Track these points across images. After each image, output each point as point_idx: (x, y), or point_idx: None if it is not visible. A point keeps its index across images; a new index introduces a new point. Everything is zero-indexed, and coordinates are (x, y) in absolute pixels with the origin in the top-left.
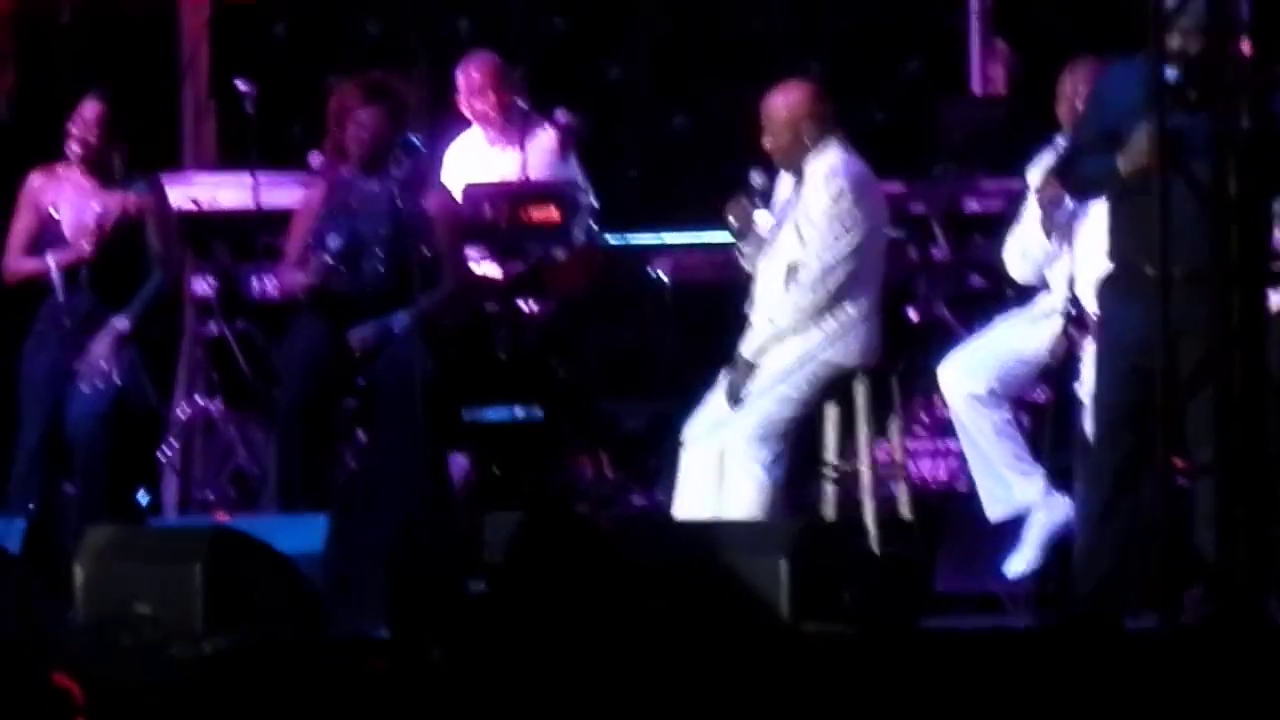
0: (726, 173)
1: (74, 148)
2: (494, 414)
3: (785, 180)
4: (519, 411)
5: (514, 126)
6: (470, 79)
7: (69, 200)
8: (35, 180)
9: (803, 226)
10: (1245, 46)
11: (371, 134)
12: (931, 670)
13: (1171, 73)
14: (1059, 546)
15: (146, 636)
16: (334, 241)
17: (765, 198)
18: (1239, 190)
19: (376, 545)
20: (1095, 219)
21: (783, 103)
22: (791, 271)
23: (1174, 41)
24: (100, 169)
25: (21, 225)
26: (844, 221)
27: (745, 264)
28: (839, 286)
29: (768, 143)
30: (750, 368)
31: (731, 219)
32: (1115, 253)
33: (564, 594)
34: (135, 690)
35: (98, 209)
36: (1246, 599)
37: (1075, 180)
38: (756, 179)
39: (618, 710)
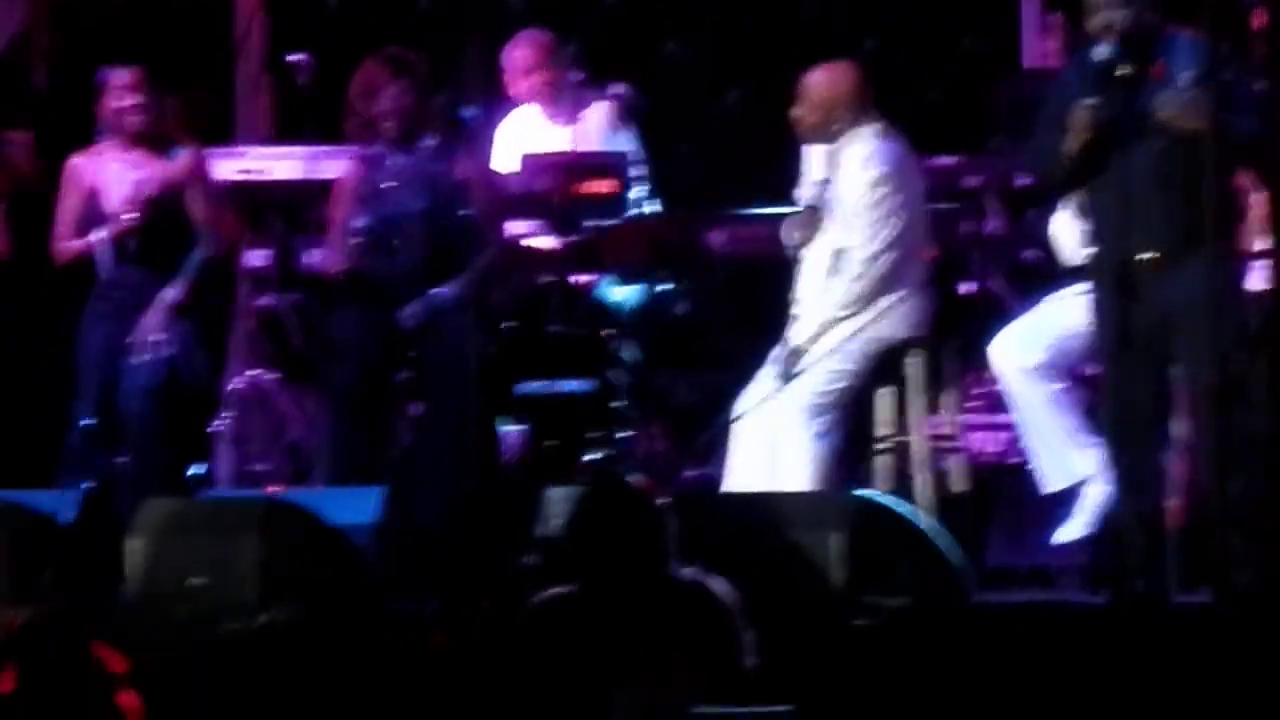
0: (782, 148)
1: (128, 117)
2: (547, 387)
3: (815, 155)
4: (572, 384)
5: (566, 102)
6: (516, 60)
7: (111, 177)
8: (76, 161)
9: (846, 215)
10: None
11: (405, 107)
12: (983, 644)
13: (1103, 50)
14: (1111, 519)
15: (200, 609)
16: (359, 223)
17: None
18: None
19: (429, 518)
20: None
21: (823, 81)
22: (836, 257)
23: (1102, 19)
24: (146, 136)
25: (67, 206)
26: (884, 208)
27: (791, 256)
28: (885, 272)
29: (797, 113)
30: (800, 353)
31: (798, 235)
32: (1094, 239)
33: (620, 566)
34: (189, 663)
35: (138, 178)
36: None
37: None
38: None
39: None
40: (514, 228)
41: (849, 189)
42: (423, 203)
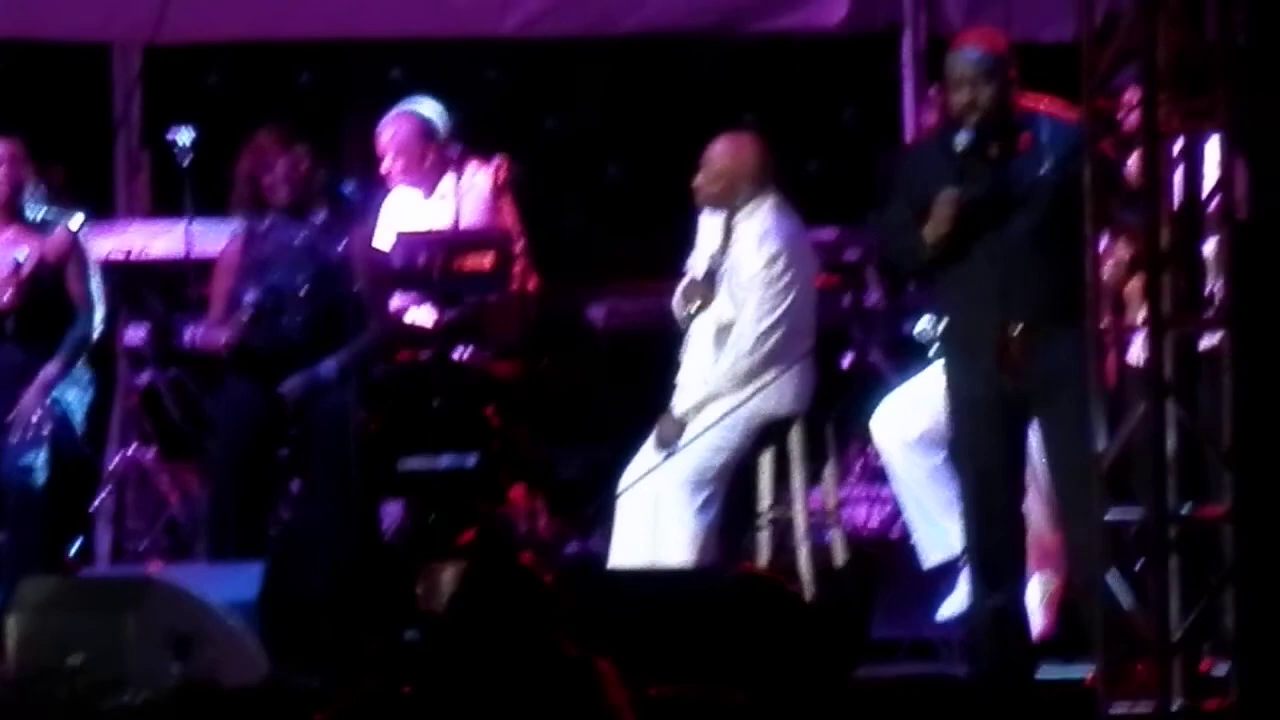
0: (662, 222)
1: None
2: (429, 463)
3: (710, 224)
4: (454, 460)
5: (438, 179)
6: (383, 142)
7: None
8: None
9: (736, 289)
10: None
11: (301, 177)
12: (866, 717)
13: (964, 139)
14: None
15: (79, 688)
16: (250, 297)
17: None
18: (1172, 237)
19: (312, 594)
20: None
21: (726, 152)
22: (722, 331)
23: (965, 95)
24: (13, 210)
25: None
26: (777, 285)
27: (681, 325)
28: (774, 349)
29: (699, 182)
30: (681, 424)
31: (691, 305)
32: (948, 309)
33: (507, 641)
34: None
35: (15, 258)
36: (1183, 652)
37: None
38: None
39: None
40: (394, 303)
41: (743, 262)
42: (307, 276)
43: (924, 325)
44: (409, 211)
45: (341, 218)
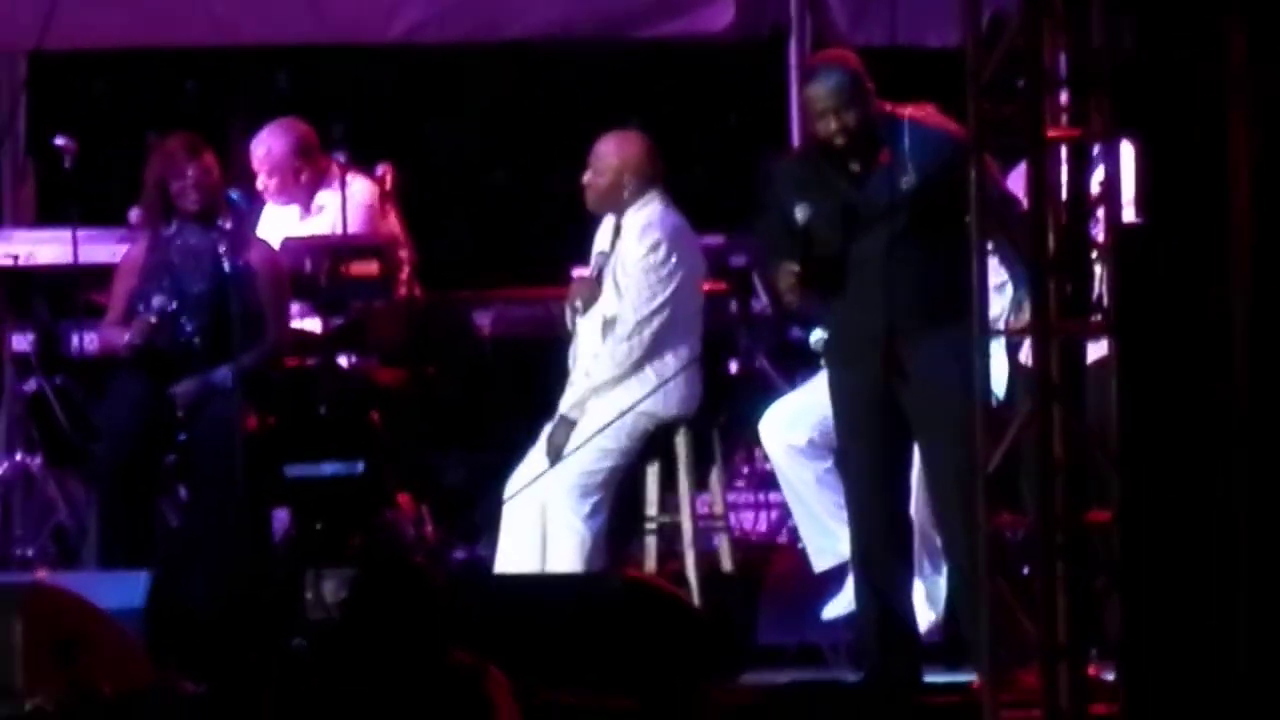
0: (548, 228)
1: None
2: (315, 469)
3: (604, 228)
4: (340, 466)
5: (311, 195)
6: (254, 161)
7: None
8: None
9: (620, 279)
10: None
11: (210, 184)
12: None
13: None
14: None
15: None
16: (158, 300)
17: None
18: (1058, 243)
19: (198, 601)
20: None
21: (614, 149)
22: (608, 324)
23: (832, 124)
24: None
25: None
26: (659, 273)
27: (570, 327)
28: (655, 338)
29: (587, 179)
30: (570, 424)
31: (579, 301)
32: (829, 319)
33: (398, 648)
34: None
35: None
36: (1070, 657)
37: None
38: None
39: None
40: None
41: (627, 252)
42: (207, 285)
43: (820, 334)
44: (286, 227)
45: (246, 228)
